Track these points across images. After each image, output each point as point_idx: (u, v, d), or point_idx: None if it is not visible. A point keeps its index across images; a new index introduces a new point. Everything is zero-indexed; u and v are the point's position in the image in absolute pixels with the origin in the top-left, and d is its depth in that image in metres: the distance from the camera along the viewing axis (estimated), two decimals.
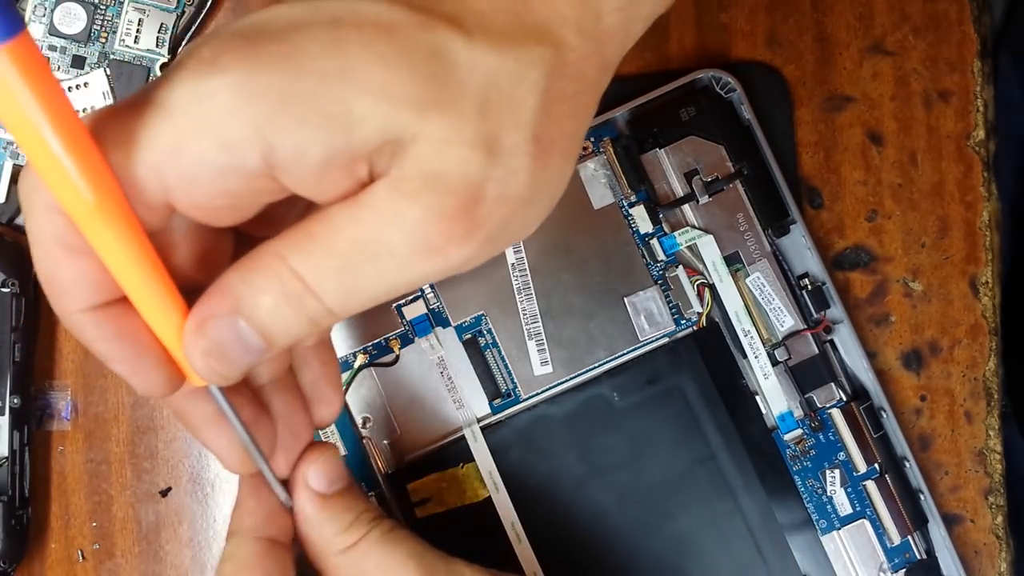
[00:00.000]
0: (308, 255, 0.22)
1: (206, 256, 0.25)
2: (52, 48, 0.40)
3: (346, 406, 0.40)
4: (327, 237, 0.22)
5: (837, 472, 0.40)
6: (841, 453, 0.40)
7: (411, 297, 0.40)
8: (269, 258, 0.22)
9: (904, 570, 0.40)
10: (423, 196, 0.21)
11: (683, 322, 0.40)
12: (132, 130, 0.21)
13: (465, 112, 0.21)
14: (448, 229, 0.21)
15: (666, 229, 0.40)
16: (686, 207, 0.40)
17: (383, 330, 0.40)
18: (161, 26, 0.41)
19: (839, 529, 0.40)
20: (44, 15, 0.40)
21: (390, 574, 0.29)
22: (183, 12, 0.41)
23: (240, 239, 0.26)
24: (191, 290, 0.24)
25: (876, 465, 0.40)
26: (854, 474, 0.40)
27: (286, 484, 0.29)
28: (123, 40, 0.40)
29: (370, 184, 0.22)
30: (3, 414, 0.40)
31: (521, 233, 0.24)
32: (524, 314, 0.40)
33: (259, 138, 0.21)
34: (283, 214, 0.25)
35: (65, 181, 0.21)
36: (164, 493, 0.42)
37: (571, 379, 0.40)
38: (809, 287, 0.40)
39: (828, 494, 0.40)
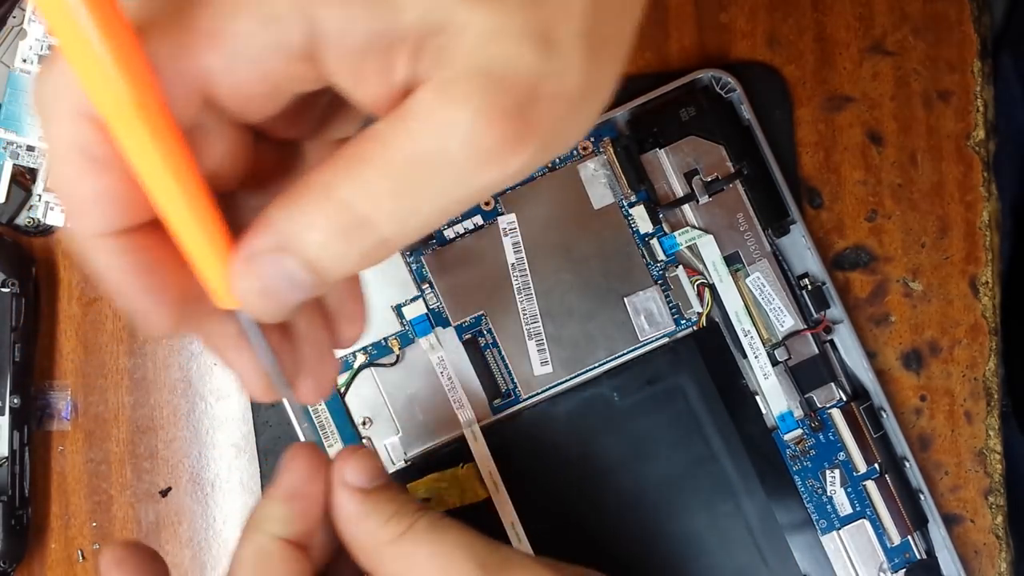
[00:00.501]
0: (358, 181, 0.20)
1: (228, 165, 0.23)
2: (52, 48, 0.40)
3: (346, 406, 0.40)
4: (377, 157, 0.20)
5: (837, 472, 0.40)
6: (841, 453, 0.40)
7: (411, 297, 0.40)
8: (316, 189, 0.21)
9: (904, 570, 0.40)
10: (475, 96, 0.19)
11: (683, 322, 0.40)
12: (169, 12, 0.20)
13: (514, 1, 0.19)
14: (505, 131, 0.20)
15: (666, 229, 0.40)
16: (686, 207, 0.40)
17: (383, 330, 0.40)
18: None
19: (839, 529, 0.40)
20: None
21: (443, 563, 0.27)
22: None
23: (259, 151, 0.24)
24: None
25: (876, 465, 0.40)
26: (854, 474, 0.40)
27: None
28: None
29: (411, 93, 0.20)
30: (3, 414, 0.40)
31: (572, 138, 0.22)
32: (524, 314, 0.40)
33: (302, 14, 0.19)
34: (308, 119, 0.24)
35: (100, 73, 0.19)
36: (164, 493, 0.42)
37: (571, 379, 0.40)
38: (809, 287, 0.40)
39: (828, 494, 0.40)
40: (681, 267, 0.40)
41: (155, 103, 0.19)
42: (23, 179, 0.41)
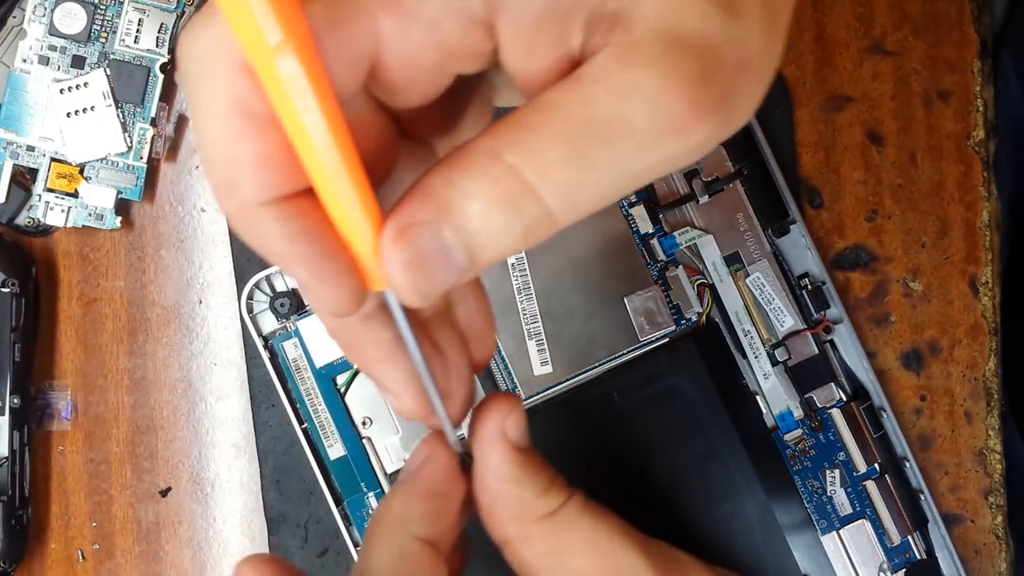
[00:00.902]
0: (528, 147, 0.18)
1: (371, 155, 0.21)
2: (52, 48, 0.40)
3: (346, 406, 0.40)
4: (550, 122, 0.18)
5: (837, 472, 0.40)
6: (841, 453, 0.40)
7: None
8: (481, 154, 0.19)
9: (904, 570, 0.40)
10: (661, 60, 0.18)
11: (683, 322, 0.40)
12: None
13: None
14: (692, 96, 0.18)
15: (666, 229, 0.40)
16: (686, 207, 0.40)
17: None
18: (161, 26, 0.41)
19: (839, 529, 0.40)
20: (44, 15, 0.40)
21: (604, 550, 0.25)
22: (183, 12, 0.41)
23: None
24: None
25: (876, 465, 0.40)
26: (854, 474, 0.40)
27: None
28: (123, 40, 0.40)
29: (586, 61, 0.19)
30: (3, 414, 0.40)
31: (751, 108, 0.20)
32: (524, 314, 0.40)
33: None
34: (445, 113, 0.23)
35: (260, 25, 0.17)
36: (164, 493, 0.42)
37: (571, 379, 0.40)
38: (809, 287, 0.40)
39: (828, 494, 0.40)
40: (681, 267, 0.40)
41: (314, 63, 0.18)
42: (23, 179, 0.41)
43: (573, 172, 0.19)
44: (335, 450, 0.40)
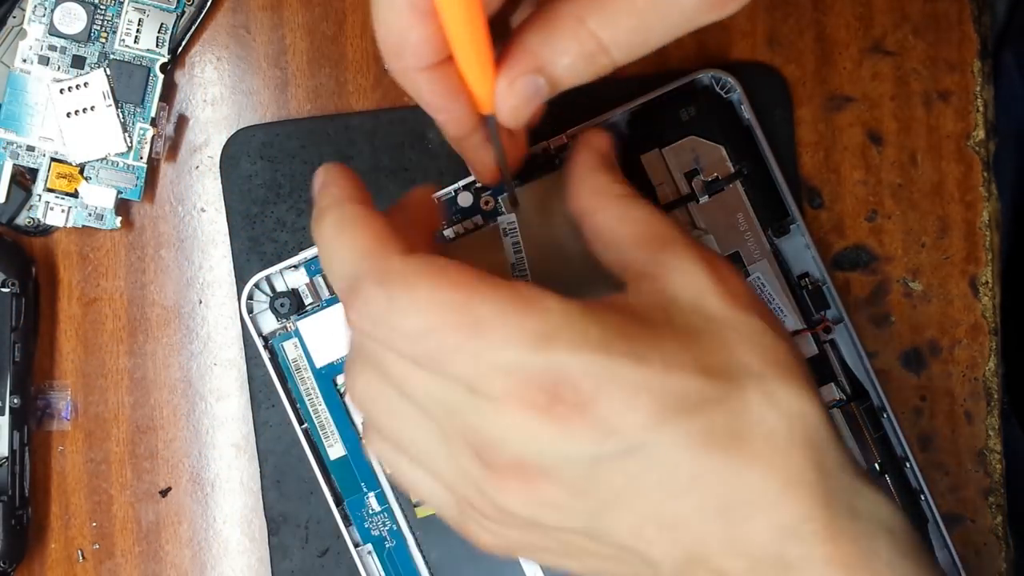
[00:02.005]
0: (607, 16, 0.25)
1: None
2: (52, 48, 0.40)
3: (346, 406, 0.40)
4: None
5: None
6: None
7: None
8: (569, 20, 0.25)
9: None
10: None
11: None
12: None
13: None
14: None
15: None
16: (686, 207, 0.40)
17: None
18: (161, 26, 0.41)
19: None
20: (44, 15, 0.40)
21: (661, 224, 0.30)
22: (183, 12, 0.41)
23: None
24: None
25: (876, 465, 0.40)
26: None
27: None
28: (123, 40, 0.40)
29: None
30: (3, 414, 0.40)
31: None
32: None
33: None
34: None
35: None
36: (164, 493, 0.42)
37: None
38: (809, 287, 0.40)
39: None
40: None
41: None
42: (23, 179, 0.41)
43: (636, 37, 0.25)
44: (335, 450, 0.40)
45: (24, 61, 0.40)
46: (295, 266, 0.40)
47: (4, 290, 0.40)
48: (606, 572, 0.28)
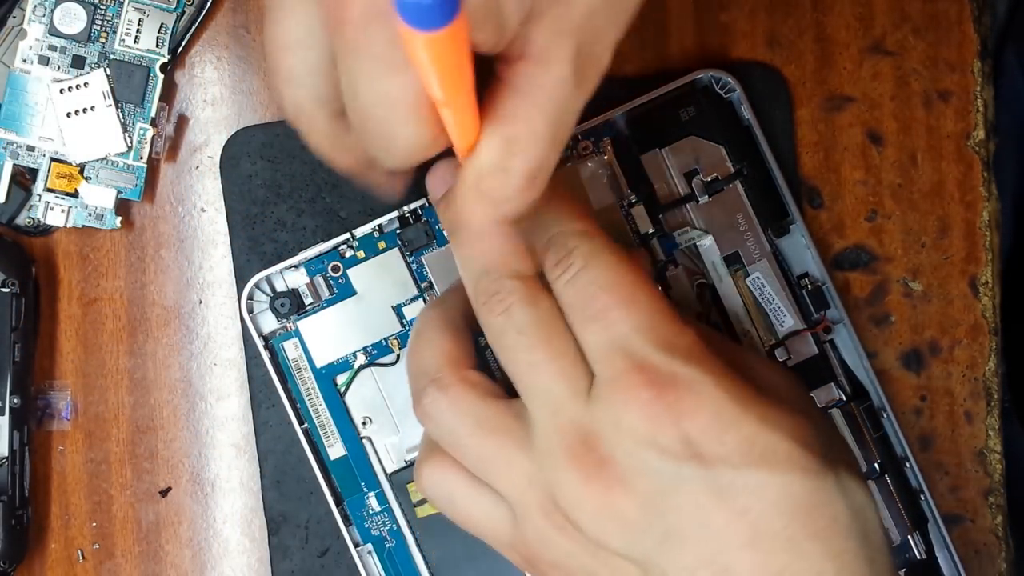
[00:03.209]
0: (515, 136, 0.25)
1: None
2: (52, 48, 0.40)
3: (346, 406, 0.40)
4: (528, 115, 0.25)
5: None
6: None
7: (411, 297, 0.40)
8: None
9: (904, 570, 0.40)
10: (555, 60, 0.25)
11: None
12: None
13: None
14: (574, 77, 0.25)
15: (666, 229, 0.40)
16: (686, 207, 0.40)
17: (383, 330, 0.40)
18: (161, 26, 0.41)
19: None
20: (44, 15, 0.40)
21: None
22: (183, 12, 0.41)
23: None
24: None
25: (876, 465, 0.40)
26: None
27: None
28: (123, 40, 0.40)
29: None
30: (3, 414, 0.40)
31: (605, 67, 0.27)
32: None
33: None
34: None
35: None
36: (164, 493, 0.42)
37: None
38: (809, 287, 0.40)
39: None
40: (681, 267, 0.40)
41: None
42: (23, 179, 0.41)
43: (546, 141, 0.26)
44: (335, 450, 0.40)
45: (24, 61, 0.40)
46: (295, 266, 0.40)
47: (4, 290, 0.40)
48: None
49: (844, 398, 0.40)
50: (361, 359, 0.40)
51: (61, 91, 0.40)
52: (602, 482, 0.27)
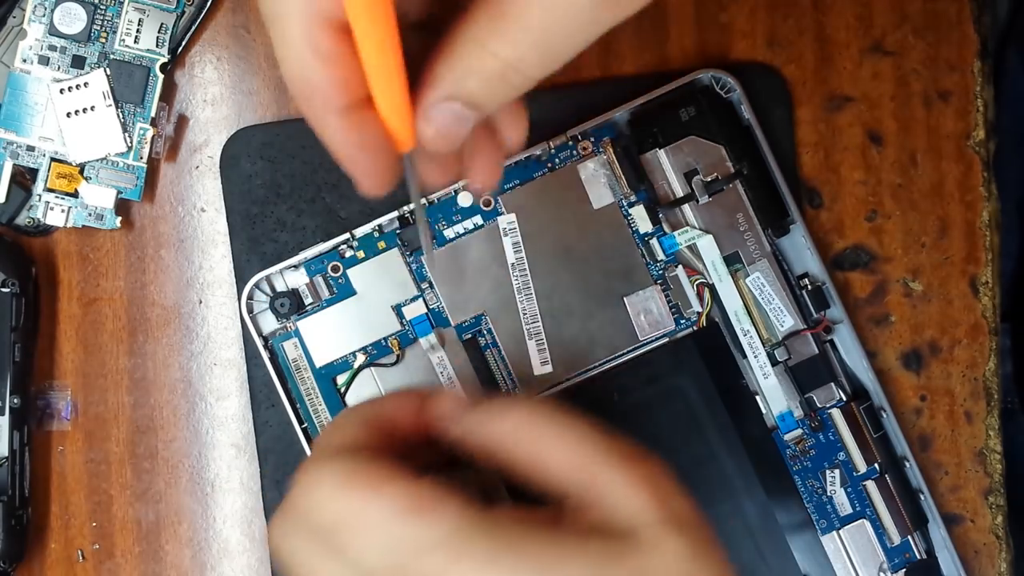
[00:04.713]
0: (505, 36, 0.24)
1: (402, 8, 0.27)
2: (52, 48, 0.40)
3: (346, 406, 0.40)
4: (518, 12, 0.24)
5: (837, 472, 0.40)
6: (841, 453, 0.40)
7: (411, 297, 0.40)
8: (469, 45, 0.24)
9: (904, 570, 0.40)
10: None
11: (683, 322, 0.40)
12: None
13: None
14: None
15: (666, 229, 0.40)
16: (686, 207, 0.40)
17: (383, 330, 0.40)
18: (161, 26, 0.41)
19: (839, 529, 0.40)
20: (44, 15, 0.40)
21: (572, 443, 0.28)
22: (183, 12, 0.41)
23: None
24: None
25: (876, 465, 0.40)
26: (854, 474, 0.40)
27: None
28: (123, 40, 0.40)
29: None
30: (3, 414, 0.40)
31: None
32: (524, 314, 0.40)
33: None
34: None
35: None
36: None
37: (571, 379, 0.40)
38: (809, 287, 0.40)
39: (828, 494, 0.40)
40: (681, 267, 0.40)
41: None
42: (23, 179, 0.41)
43: (541, 49, 0.24)
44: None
45: (24, 61, 0.40)
46: (295, 266, 0.40)
47: (4, 290, 0.40)
48: None
49: (844, 398, 0.40)
50: (361, 359, 0.40)
51: (61, 91, 0.40)
52: None
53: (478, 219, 0.40)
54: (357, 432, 0.28)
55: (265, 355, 0.40)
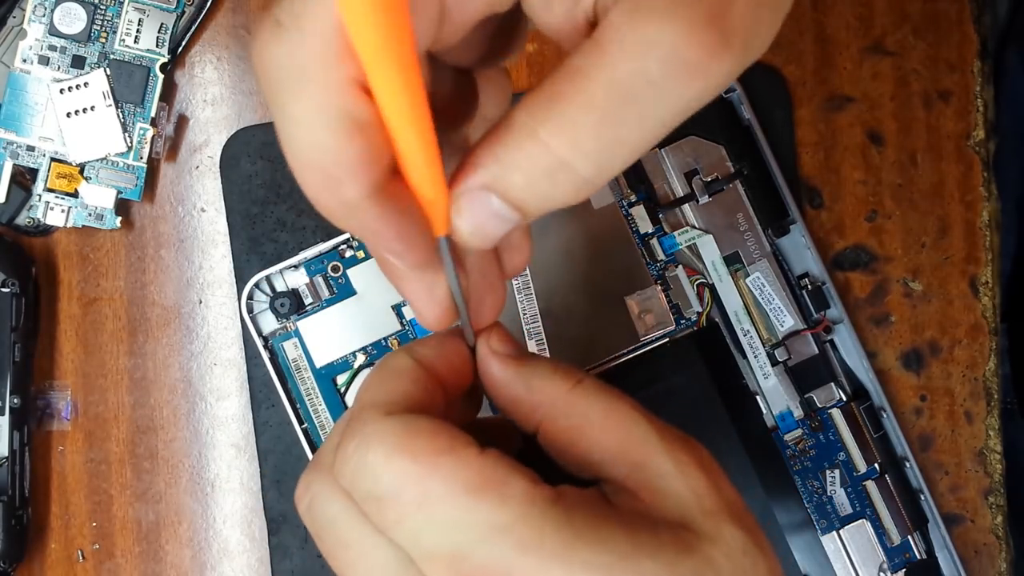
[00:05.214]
0: (561, 121, 0.20)
1: (437, 97, 0.23)
2: (52, 48, 0.40)
3: (346, 406, 0.40)
4: (577, 90, 0.20)
5: (837, 472, 0.40)
6: (841, 453, 0.40)
7: None
8: (518, 132, 0.21)
9: (904, 570, 0.40)
10: (669, 12, 0.19)
11: (683, 322, 0.40)
12: None
13: None
14: (705, 40, 0.19)
15: (666, 229, 0.40)
16: (686, 207, 0.40)
17: (383, 330, 0.40)
18: (161, 26, 0.41)
19: (839, 529, 0.40)
20: (44, 15, 0.40)
21: (622, 421, 0.25)
22: (183, 12, 0.41)
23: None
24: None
25: (876, 465, 0.40)
26: (854, 474, 0.40)
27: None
28: (123, 40, 0.40)
29: (601, 21, 0.20)
30: (3, 414, 0.40)
31: (768, 37, 0.21)
32: (524, 314, 0.40)
33: None
34: (483, 45, 0.25)
35: (377, 27, 0.19)
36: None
37: None
38: (809, 287, 0.40)
39: (828, 494, 0.40)
40: (681, 267, 0.40)
41: (410, 42, 0.19)
42: (23, 179, 0.41)
43: (603, 138, 0.20)
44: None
45: (24, 61, 0.40)
46: (295, 266, 0.40)
47: (4, 290, 0.40)
48: None
49: (844, 398, 0.40)
50: (361, 359, 0.40)
51: (61, 91, 0.40)
52: None
53: None
54: (409, 387, 0.25)
55: (265, 355, 0.40)
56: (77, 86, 0.40)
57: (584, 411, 0.25)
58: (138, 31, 0.40)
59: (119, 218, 0.41)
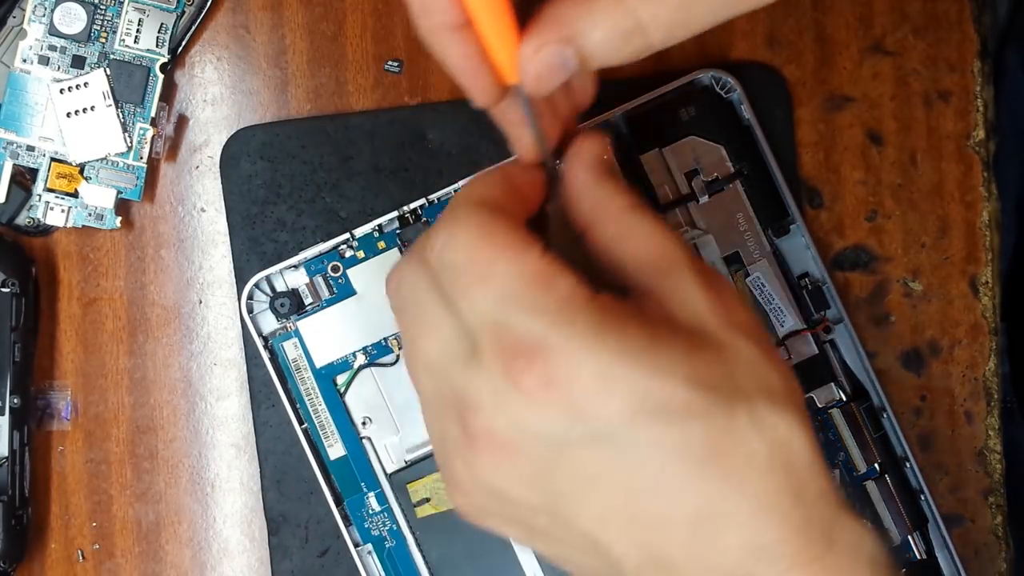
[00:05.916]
0: None
1: None
2: (52, 48, 0.40)
3: (346, 406, 0.40)
4: None
5: (837, 472, 0.40)
6: (841, 453, 0.40)
7: None
8: None
9: (904, 570, 0.40)
10: None
11: None
12: None
13: None
14: None
15: None
16: (686, 207, 0.40)
17: (383, 330, 0.40)
18: (161, 26, 0.41)
19: None
20: (44, 15, 0.40)
21: (660, 239, 0.28)
22: (183, 12, 0.41)
23: None
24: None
25: (876, 465, 0.40)
26: (854, 474, 0.40)
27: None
28: (123, 40, 0.40)
29: None
30: (3, 414, 0.40)
31: None
32: None
33: None
34: None
35: None
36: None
37: None
38: (809, 287, 0.40)
39: None
40: None
41: None
42: (23, 179, 0.41)
43: (679, 15, 0.24)
44: (335, 450, 0.40)
45: (24, 61, 0.40)
46: (295, 266, 0.40)
47: (4, 290, 0.40)
48: (571, 561, 0.28)
49: (844, 398, 0.40)
50: (361, 359, 0.40)
51: (61, 91, 0.40)
52: (488, 451, 0.26)
53: None
54: (499, 194, 0.29)
55: (265, 355, 0.40)
56: (77, 86, 0.40)
57: (632, 223, 0.29)
58: (138, 31, 0.40)
59: (119, 218, 0.41)
